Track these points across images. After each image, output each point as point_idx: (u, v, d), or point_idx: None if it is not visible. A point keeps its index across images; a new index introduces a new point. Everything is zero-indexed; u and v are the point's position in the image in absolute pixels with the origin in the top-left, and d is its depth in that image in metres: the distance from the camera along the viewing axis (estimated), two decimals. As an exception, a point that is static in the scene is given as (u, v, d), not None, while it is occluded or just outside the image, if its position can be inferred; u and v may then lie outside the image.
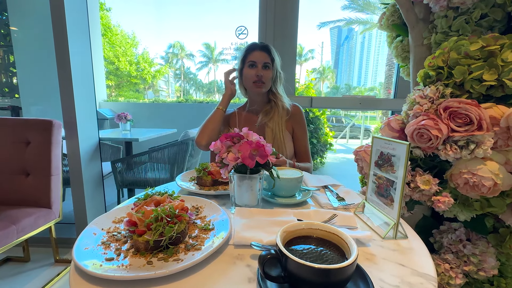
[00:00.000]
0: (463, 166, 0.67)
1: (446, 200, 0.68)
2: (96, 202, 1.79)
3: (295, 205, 0.69)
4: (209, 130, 1.05)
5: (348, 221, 0.56)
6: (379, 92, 37.65)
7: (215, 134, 1.06)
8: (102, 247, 0.45)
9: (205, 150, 1.07)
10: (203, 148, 1.06)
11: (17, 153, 1.36)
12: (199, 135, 1.05)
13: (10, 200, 1.35)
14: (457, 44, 0.69)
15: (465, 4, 0.74)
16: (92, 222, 0.52)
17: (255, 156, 0.58)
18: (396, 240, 0.52)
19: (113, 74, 15.61)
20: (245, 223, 0.53)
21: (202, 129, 1.06)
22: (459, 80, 0.68)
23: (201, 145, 1.05)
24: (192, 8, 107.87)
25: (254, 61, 1.04)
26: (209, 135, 1.05)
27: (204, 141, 1.04)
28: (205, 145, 1.04)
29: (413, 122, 0.71)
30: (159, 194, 0.56)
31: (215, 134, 1.06)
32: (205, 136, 1.04)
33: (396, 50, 1.00)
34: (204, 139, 1.04)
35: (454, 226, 0.84)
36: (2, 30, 3.24)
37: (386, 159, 0.56)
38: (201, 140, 1.04)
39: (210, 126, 1.06)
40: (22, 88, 2.87)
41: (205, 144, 1.04)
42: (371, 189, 0.62)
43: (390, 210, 0.55)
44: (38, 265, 1.58)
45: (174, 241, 0.44)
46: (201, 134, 1.05)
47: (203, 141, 1.04)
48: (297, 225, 0.42)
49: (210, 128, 1.06)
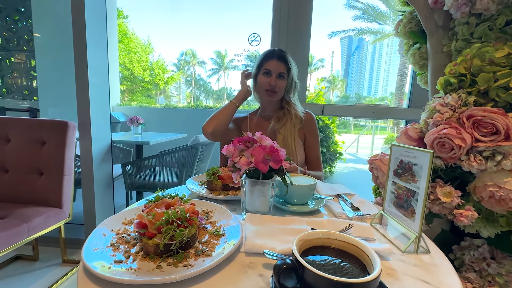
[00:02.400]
0: (489, 178, 0.63)
1: (470, 214, 0.64)
2: (106, 204, 1.81)
3: (307, 214, 0.66)
4: (218, 120, 1.05)
5: (365, 232, 0.54)
6: (390, 102, 37.12)
7: (223, 126, 1.05)
8: (111, 248, 0.44)
9: (210, 138, 1.06)
10: (208, 136, 1.05)
11: (33, 153, 1.40)
12: (207, 122, 1.05)
13: (23, 199, 1.37)
14: (481, 51, 0.66)
15: (488, 11, 0.71)
16: (101, 223, 0.51)
17: (268, 161, 0.56)
18: (418, 255, 0.49)
19: (127, 79, 16.09)
20: (257, 230, 0.51)
21: (212, 118, 1.06)
22: (484, 88, 0.65)
23: (206, 132, 1.04)
24: (206, 16, 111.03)
25: (269, 69, 1.04)
26: (216, 125, 1.04)
27: (210, 129, 1.03)
28: (210, 133, 1.04)
29: (434, 130, 0.68)
30: (170, 196, 0.55)
31: (223, 125, 1.05)
32: (212, 124, 1.04)
33: (414, 57, 0.98)
34: (210, 126, 1.03)
35: (477, 242, 0.79)
36: (26, 36, 3.41)
37: (406, 168, 0.53)
38: (208, 127, 1.04)
39: (220, 116, 1.05)
40: (41, 91, 2.99)
41: (210, 132, 1.03)
42: (389, 199, 0.59)
43: (410, 223, 0.51)
44: (46, 265, 1.59)
45: (184, 245, 0.43)
46: (209, 122, 1.05)
47: (209, 129, 1.03)
48: (313, 234, 0.39)
49: (220, 118, 1.05)
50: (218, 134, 1.06)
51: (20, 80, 3.60)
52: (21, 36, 3.38)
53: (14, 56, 3.31)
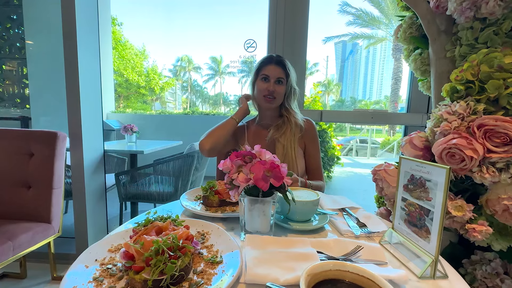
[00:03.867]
0: (502, 191, 0.59)
1: (484, 230, 0.61)
2: (98, 216, 1.74)
3: (311, 232, 0.62)
4: (215, 136, 1.00)
5: (376, 255, 0.49)
6: (385, 105, 37.50)
7: (221, 142, 1.01)
8: (94, 284, 0.39)
9: (206, 155, 1.02)
10: (205, 153, 1.00)
11: (20, 165, 1.33)
12: (205, 138, 1.00)
13: (9, 214, 1.30)
14: (489, 56, 0.64)
15: (494, 15, 0.69)
16: (85, 250, 0.46)
17: (269, 178, 0.52)
18: (435, 281, 0.44)
19: (122, 86, 15.98)
20: (258, 256, 0.46)
21: (209, 133, 1.01)
22: (494, 95, 0.62)
23: (203, 149, 0.99)
24: (201, 22, 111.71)
25: (267, 75, 1.01)
26: (214, 141, 1.00)
27: (207, 146, 0.99)
28: (207, 150, 0.99)
29: (442, 140, 0.64)
30: (161, 219, 0.50)
31: (221, 142, 1.01)
32: (210, 141, 0.99)
33: (415, 63, 0.95)
34: (208, 143, 0.99)
35: (488, 256, 0.75)
36: (18, 44, 3.35)
37: (418, 184, 0.49)
38: (205, 143, 0.99)
39: (218, 132, 1.01)
40: (33, 99, 2.92)
41: (207, 149, 0.99)
42: (399, 217, 0.55)
43: (425, 244, 0.47)
44: (34, 283, 1.51)
45: (176, 280, 0.38)
46: (206, 138, 1.00)
47: (206, 145, 0.99)
48: (323, 266, 0.35)
49: (218, 134, 1.01)
50: (216, 151, 1.02)
51: (12, 88, 3.53)
52: (13, 44, 3.32)
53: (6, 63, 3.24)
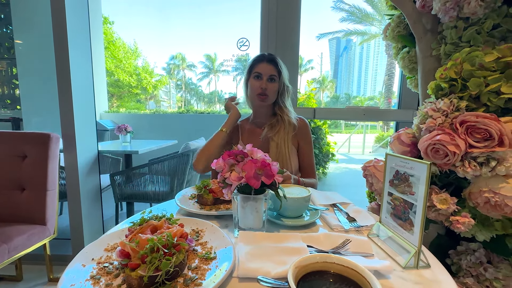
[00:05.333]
0: (483, 184, 0.62)
1: (466, 221, 0.63)
2: (94, 217, 1.74)
3: (303, 227, 0.64)
4: (207, 155, 1.01)
5: (363, 247, 0.51)
6: (379, 101, 37.85)
7: (213, 157, 1.01)
8: (91, 282, 0.40)
9: (201, 173, 1.03)
10: (199, 172, 1.02)
11: (13, 168, 1.32)
12: (197, 158, 1.01)
13: (4, 216, 1.30)
14: (470, 55, 0.66)
15: (476, 15, 0.71)
16: (81, 250, 0.47)
17: (260, 176, 0.53)
18: (418, 270, 0.47)
19: (114, 85, 15.77)
20: (250, 250, 0.48)
21: (201, 152, 1.02)
22: (475, 92, 0.64)
23: (197, 169, 1.01)
24: (195, 21, 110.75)
25: (260, 72, 1.02)
26: (207, 159, 1.00)
27: (200, 166, 1.00)
28: (202, 170, 1.01)
29: (427, 137, 0.67)
30: (156, 218, 0.51)
31: (213, 157, 1.01)
32: (202, 160, 1.00)
33: (403, 61, 0.98)
34: (200, 163, 1.00)
35: (473, 246, 0.78)
36: (6, 43, 3.29)
37: (402, 179, 0.52)
38: (198, 164, 1.00)
39: (209, 149, 1.02)
40: (24, 100, 2.87)
41: (201, 169, 1.01)
42: (386, 211, 0.57)
43: (409, 236, 0.50)
44: (30, 285, 1.51)
45: (171, 275, 0.39)
46: (198, 158, 1.01)
47: (199, 166, 1.00)
48: (310, 259, 0.37)
49: (209, 152, 1.01)
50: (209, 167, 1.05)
51: (2, 89, 3.46)
52: (1, 44, 3.25)
53: (-6, 64, 3.18)
